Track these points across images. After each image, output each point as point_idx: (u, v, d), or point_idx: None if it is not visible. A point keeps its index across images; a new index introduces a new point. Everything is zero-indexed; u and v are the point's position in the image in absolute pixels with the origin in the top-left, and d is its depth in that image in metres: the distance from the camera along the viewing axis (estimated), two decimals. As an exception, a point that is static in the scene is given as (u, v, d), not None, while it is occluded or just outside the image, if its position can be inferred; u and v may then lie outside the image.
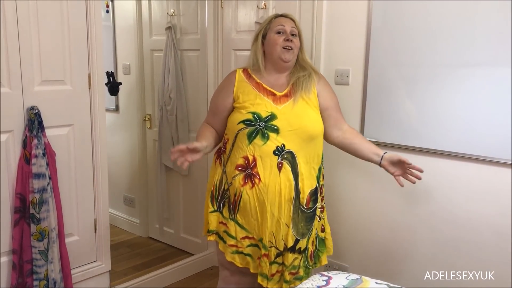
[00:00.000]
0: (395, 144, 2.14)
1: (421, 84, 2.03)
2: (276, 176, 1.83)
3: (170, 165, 3.09)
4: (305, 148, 1.87)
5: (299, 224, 1.89)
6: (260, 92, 1.90)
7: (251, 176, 1.85)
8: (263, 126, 1.83)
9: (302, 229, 1.90)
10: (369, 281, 1.60)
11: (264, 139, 1.83)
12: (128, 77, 3.37)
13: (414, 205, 2.13)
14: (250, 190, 1.86)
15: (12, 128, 1.95)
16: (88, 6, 2.12)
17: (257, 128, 1.83)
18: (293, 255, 1.90)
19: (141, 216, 3.48)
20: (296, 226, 1.89)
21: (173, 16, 2.96)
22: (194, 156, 1.83)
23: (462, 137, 1.94)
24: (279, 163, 1.83)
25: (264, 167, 1.84)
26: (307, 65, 1.96)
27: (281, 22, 1.91)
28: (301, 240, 1.91)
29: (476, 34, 1.87)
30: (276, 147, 1.82)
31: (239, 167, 1.87)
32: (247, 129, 1.84)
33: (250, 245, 1.95)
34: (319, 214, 1.98)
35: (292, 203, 1.86)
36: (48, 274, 2.00)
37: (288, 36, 1.89)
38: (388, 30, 2.11)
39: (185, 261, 2.91)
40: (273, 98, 1.88)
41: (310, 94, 1.90)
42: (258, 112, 1.85)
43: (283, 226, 1.87)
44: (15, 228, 1.97)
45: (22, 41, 1.92)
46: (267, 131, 1.83)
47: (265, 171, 1.84)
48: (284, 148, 1.83)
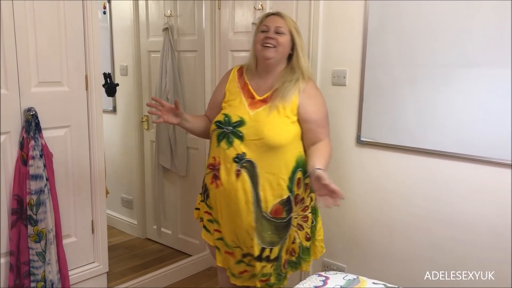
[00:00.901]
0: (392, 144, 2.15)
1: (418, 85, 2.03)
2: (233, 182, 1.84)
3: (168, 166, 3.09)
4: (267, 158, 1.82)
5: (265, 233, 1.87)
6: (244, 93, 1.90)
7: (216, 177, 1.89)
8: (230, 131, 1.85)
9: (270, 238, 1.88)
10: (366, 281, 1.61)
11: (228, 144, 1.85)
12: (125, 78, 3.37)
13: (412, 205, 2.13)
14: (215, 189, 1.92)
15: (9, 130, 1.94)
16: (85, 7, 2.12)
17: (224, 132, 1.86)
18: (260, 263, 1.90)
19: (138, 217, 3.48)
20: (261, 235, 1.87)
21: (170, 17, 2.96)
22: (171, 118, 1.92)
23: (460, 138, 1.95)
24: (237, 171, 1.83)
25: (225, 171, 1.86)
26: (298, 70, 1.89)
27: (267, 21, 1.89)
28: (269, 249, 1.89)
29: (474, 34, 1.87)
30: (236, 155, 1.83)
31: (210, 165, 1.93)
32: (217, 131, 1.89)
33: (218, 238, 2.00)
34: (301, 224, 1.95)
35: (252, 212, 1.85)
36: (46, 275, 2.00)
37: (270, 33, 1.85)
38: (385, 30, 2.11)
39: (183, 262, 2.90)
40: (250, 102, 1.87)
41: (287, 103, 1.83)
42: (230, 116, 1.87)
43: (245, 232, 1.88)
44: (12, 230, 1.97)
45: (19, 42, 1.92)
46: (233, 137, 1.84)
47: (225, 175, 1.86)
48: (245, 156, 1.82)
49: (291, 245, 1.97)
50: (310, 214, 1.98)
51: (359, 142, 2.25)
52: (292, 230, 1.93)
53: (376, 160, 2.22)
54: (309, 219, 1.98)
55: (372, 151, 2.23)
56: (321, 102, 1.94)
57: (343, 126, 2.28)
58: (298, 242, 1.96)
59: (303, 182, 1.91)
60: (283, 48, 1.86)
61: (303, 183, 1.92)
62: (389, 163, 2.18)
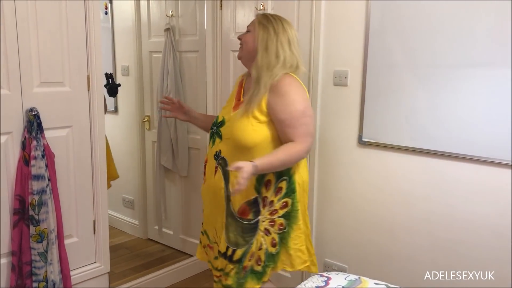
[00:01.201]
0: (394, 145, 2.15)
1: (420, 85, 2.03)
2: (211, 178, 1.95)
3: (169, 166, 3.09)
4: (238, 156, 1.79)
5: (232, 232, 1.88)
6: (237, 95, 1.98)
7: (204, 173, 2.05)
8: (215, 131, 1.95)
9: (235, 238, 1.87)
10: (368, 281, 1.60)
11: (212, 142, 1.96)
12: (127, 78, 3.37)
13: (413, 206, 2.13)
14: (203, 185, 2.06)
15: (11, 130, 1.95)
16: (86, 7, 2.12)
17: (212, 131, 1.98)
18: (224, 260, 1.91)
19: (140, 217, 3.48)
20: (227, 232, 1.89)
21: (172, 18, 2.97)
22: (180, 115, 2.17)
23: (462, 138, 1.95)
24: (215, 167, 1.93)
25: (209, 168, 1.97)
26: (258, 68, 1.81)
27: None
28: (232, 249, 1.88)
29: (474, 35, 1.87)
30: (215, 152, 1.93)
31: (205, 162, 2.04)
32: (210, 131, 2.01)
33: (202, 231, 2.13)
34: (268, 228, 1.86)
35: (224, 208, 1.92)
36: (48, 275, 2.00)
37: (241, 34, 1.94)
38: (386, 30, 2.11)
39: (184, 263, 2.91)
40: (236, 103, 1.94)
41: (253, 103, 1.80)
42: (218, 117, 1.98)
43: (221, 227, 1.95)
44: (14, 230, 1.97)
45: (21, 42, 1.92)
46: (216, 136, 1.94)
47: (208, 172, 1.98)
48: (220, 154, 1.91)
49: (258, 251, 1.86)
50: (281, 219, 1.86)
51: (361, 142, 2.25)
52: (259, 235, 1.86)
53: (377, 160, 2.22)
54: (276, 224, 1.86)
55: (374, 151, 2.23)
56: (291, 100, 1.77)
57: (344, 127, 2.28)
58: (264, 249, 1.86)
59: (274, 185, 1.84)
60: (246, 45, 1.87)
61: (274, 186, 1.85)
62: (390, 163, 2.18)
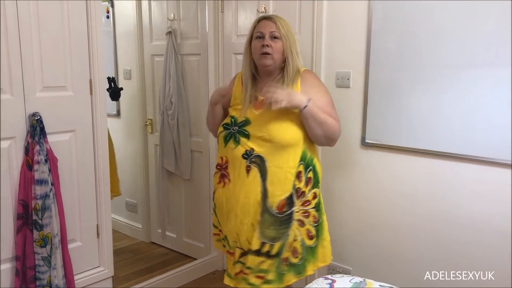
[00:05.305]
0: (397, 146, 2.14)
1: (422, 86, 2.03)
2: (243, 178, 1.90)
3: (172, 170, 3.09)
4: (276, 153, 1.86)
5: (267, 227, 1.89)
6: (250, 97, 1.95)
7: (224, 176, 1.96)
8: (236, 131, 1.92)
9: (272, 233, 1.89)
10: (373, 283, 1.60)
11: (235, 143, 1.91)
12: (129, 82, 3.37)
13: (417, 207, 2.13)
14: (222, 188, 1.98)
15: (14, 135, 1.95)
16: (88, 12, 2.13)
17: (231, 132, 1.93)
18: (259, 257, 1.91)
19: (143, 221, 3.48)
20: (262, 229, 1.89)
21: (174, 21, 2.97)
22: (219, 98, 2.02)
23: (462, 139, 1.94)
24: (247, 166, 1.89)
25: (234, 169, 1.92)
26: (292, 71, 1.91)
27: (261, 26, 1.92)
28: (269, 244, 1.89)
29: (476, 35, 1.87)
30: (245, 151, 1.89)
31: (218, 165, 2.01)
32: (223, 133, 1.96)
33: (218, 240, 2.13)
34: (301, 219, 1.92)
35: (259, 206, 1.88)
36: (51, 280, 2.00)
37: (266, 40, 1.88)
38: (388, 31, 2.11)
39: (188, 266, 2.90)
40: (255, 103, 1.93)
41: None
42: (236, 117, 1.94)
43: (247, 227, 1.91)
44: (18, 235, 1.97)
45: (24, 47, 1.93)
46: (239, 136, 1.90)
47: (234, 172, 1.92)
48: (253, 152, 1.87)
49: (293, 243, 1.92)
50: (314, 210, 1.95)
51: (364, 144, 2.25)
52: (293, 225, 1.90)
53: (381, 161, 2.22)
54: (310, 215, 1.94)
55: (377, 153, 2.22)
56: (325, 90, 1.96)
57: (348, 128, 2.27)
58: (299, 240, 1.92)
59: (304, 176, 1.92)
60: (279, 54, 1.90)
61: (305, 177, 1.92)
62: (393, 164, 2.18)
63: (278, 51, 1.89)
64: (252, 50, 1.94)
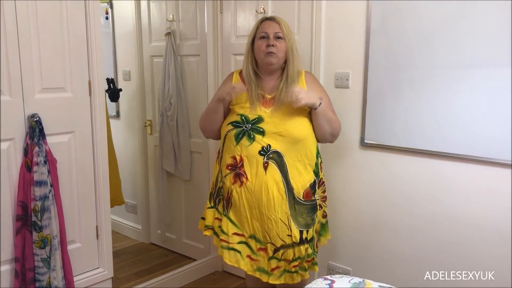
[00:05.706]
0: (396, 146, 2.14)
1: (421, 86, 2.03)
2: (262, 175, 1.92)
3: (172, 171, 3.09)
4: (292, 148, 1.94)
5: (300, 217, 1.96)
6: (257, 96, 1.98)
7: (239, 175, 1.96)
8: (250, 128, 1.94)
9: (305, 220, 1.97)
10: (373, 284, 1.59)
11: (250, 140, 1.93)
12: (128, 83, 3.37)
13: (417, 207, 2.13)
14: (239, 188, 1.97)
15: (13, 136, 1.95)
16: (87, 13, 2.13)
17: (243, 130, 1.95)
18: (304, 246, 1.97)
19: (143, 222, 3.48)
20: (297, 220, 1.96)
21: (173, 22, 2.97)
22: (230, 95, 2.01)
23: (462, 139, 1.94)
24: (265, 163, 1.92)
25: (250, 167, 1.94)
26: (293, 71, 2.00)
27: (265, 27, 1.99)
28: (305, 231, 1.97)
29: (475, 35, 1.87)
30: (261, 148, 1.92)
31: (229, 166, 1.98)
32: (234, 130, 1.97)
33: (240, 242, 2.01)
34: (320, 203, 2.08)
35: (286, 200, 1.93)
36: (51, 281, 2.00)
37: (271, 40, 1.96)
38: (387, 32, 2.11)
39: (187, 267, 2.90)
40: (263, 101, 1.97)
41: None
42: (246, 115, 1.96)
43: (276, 223, 1.93)
44: (17, 236, 1.97)
45: (22, 48, 1.93)
46: (253, 133, 1.93)
47: (252, 170, 1.94)
48: (270, 148, 1.92)
49: (317, 225, 2.08)
50: (325, 193, 2.15)
51: (363, 144, 2.25)
52: (319, 211, 2.06)
53: (379, 162, 2.22)
54: (327, 199, 2.15)
55: (376, 153, 2.22)
56: (325, 90, 2.12)
57: (346, 129, 2.27)
58: (317, 221, 2.05)
59: (320, 165, 2.08)
60: (282, 53, 1.99)
61: (320, 166, 2.09)
62: (392, 165, 2.18)
63: (282, 50, 1.98)
64: (256, 49, 2.00)
